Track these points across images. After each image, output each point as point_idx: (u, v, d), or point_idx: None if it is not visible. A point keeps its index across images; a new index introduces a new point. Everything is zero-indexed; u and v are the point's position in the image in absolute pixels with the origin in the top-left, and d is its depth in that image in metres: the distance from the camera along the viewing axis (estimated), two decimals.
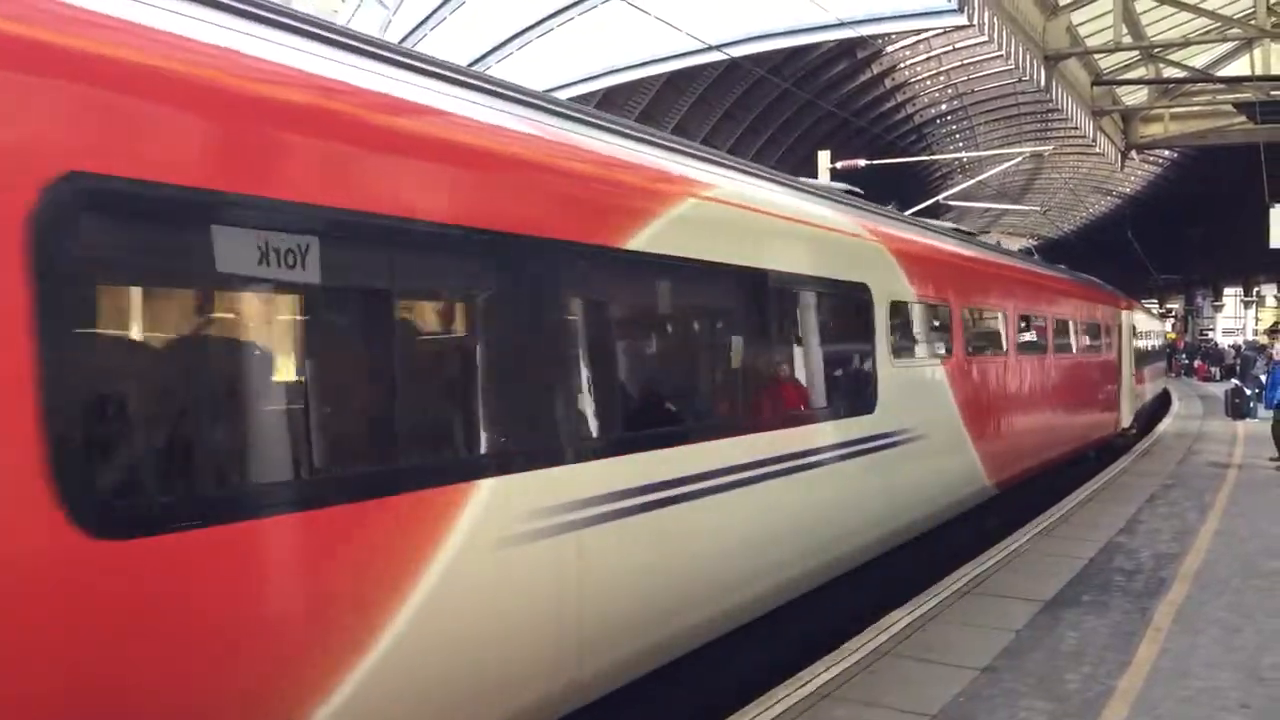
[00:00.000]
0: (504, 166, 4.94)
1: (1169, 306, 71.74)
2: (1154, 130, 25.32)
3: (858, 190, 10.90)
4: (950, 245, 12.48)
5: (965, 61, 38.95)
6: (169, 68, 3.51)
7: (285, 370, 4.13)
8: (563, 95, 21.20)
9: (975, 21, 17.16)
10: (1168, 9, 20.07)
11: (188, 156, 3.54)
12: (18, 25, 3.13)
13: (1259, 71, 20.10)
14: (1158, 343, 37.73)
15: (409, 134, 4.50)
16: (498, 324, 4.99)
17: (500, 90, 5.39)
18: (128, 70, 3.39)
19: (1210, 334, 68.63)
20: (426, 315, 5.19)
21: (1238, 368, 32.66)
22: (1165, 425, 26.11)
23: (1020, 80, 31.78)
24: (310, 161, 3.98)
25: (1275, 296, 71.09)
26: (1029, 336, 14.89)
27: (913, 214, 18.45)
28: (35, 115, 3.14)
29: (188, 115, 3.55)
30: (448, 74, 5.06)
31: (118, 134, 3.35)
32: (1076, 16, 19.27)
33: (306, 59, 4.16)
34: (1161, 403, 33.37)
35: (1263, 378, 20.28)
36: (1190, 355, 53.13)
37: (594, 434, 5.46)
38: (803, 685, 6.57)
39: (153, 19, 3.56)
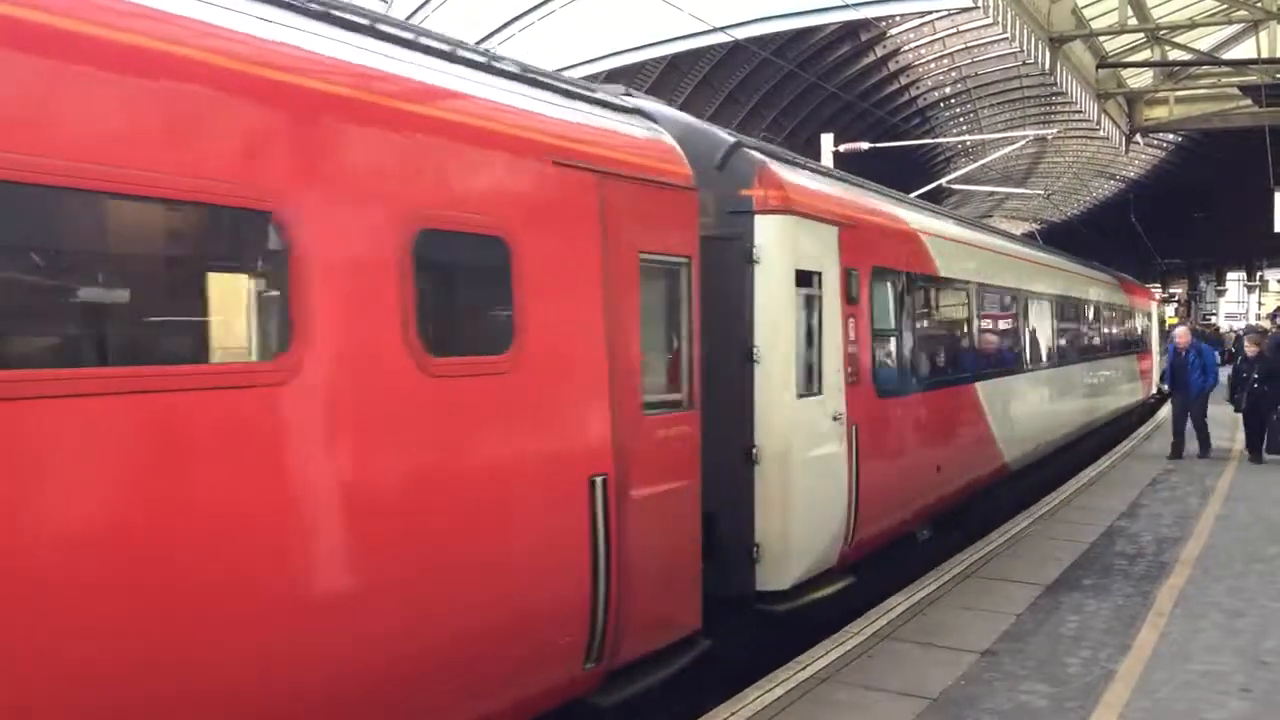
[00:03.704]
0: None
1: (1172, 291, 71.57)
2: (1159, 114, 25.15)
3: None
4: None
5: (969, 44, 38.68)
6: None
7: None
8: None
9: (980, 3, 17.04)
10: None
11: None
12: None
13: (1265, 54, 19.92)
14: (1125, 325, 23.70)
15: None
16: None
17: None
18: None
19: (1213, 318, 68.53)
20: None
21: (1238, 356, 29.88)
22: (1167, 410, 26.02)
23: (1024, 63, 31.59)
24: None
25: (1279, 281, 70.95)
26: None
27: (916, 197, 15.65)
28: None
29: None
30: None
31: None
32: None
33: None
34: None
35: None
36: None
37: None
38: (803, 669, 6.57)
39: None
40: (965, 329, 11.96)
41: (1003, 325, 13.65)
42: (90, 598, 3.29)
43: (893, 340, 9.58)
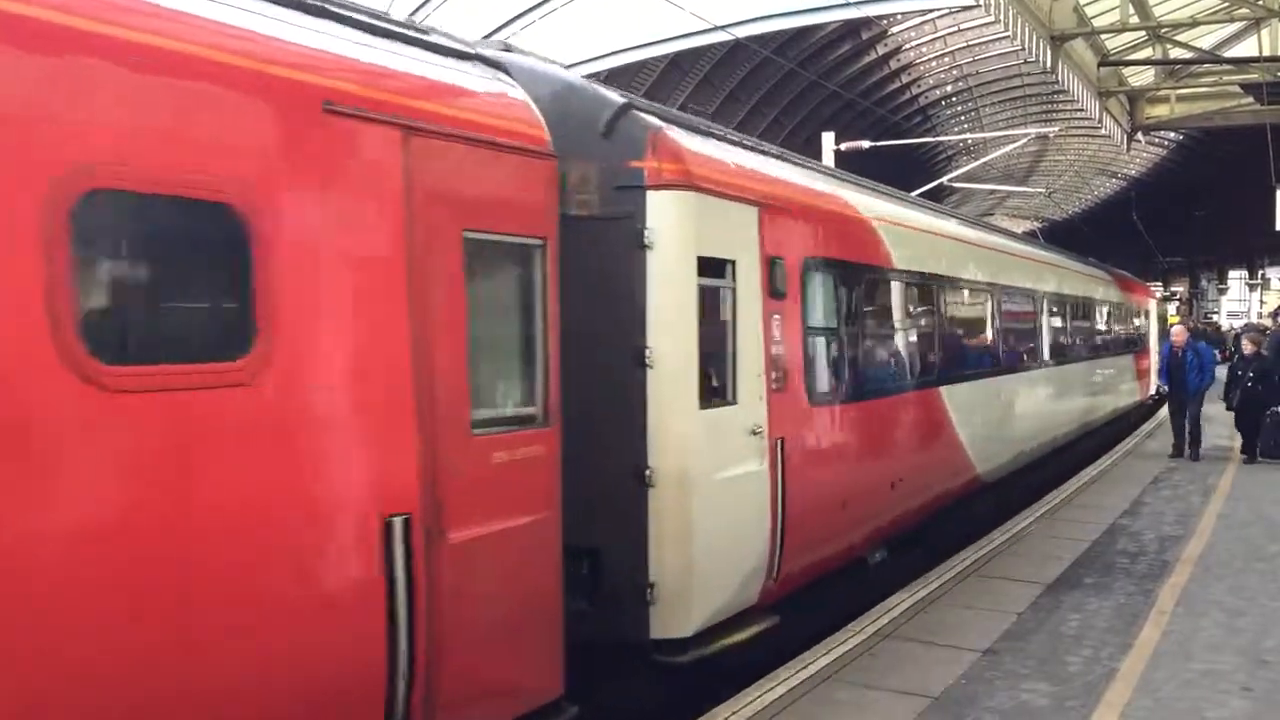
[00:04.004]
0: None
1: (1174, 289, 71.58)
2: (1160, 112, 25.12)
3: None
4: None
5: (971, 43, 38.67)
6: None
7: None
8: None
9: (981, 1, 17.03)
10: None
11: None
12: None
13: (1266, 52, 19.90)
14: (1121, 323, 22.38)
15: None
16: None
17: None
18: None
19: (1214, 316, 68.53)
20: None
21: (1234, 355, 26.49)
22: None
23: (1026, 61, 31.58)
24: None
25: None
26: None
27: (917, 195, 15.58)
28: None
29: None
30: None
31: None
32: None
33: None
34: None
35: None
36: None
37: None
38: (804, 667, 6.57)
39: None
40: (928, 328, 10.60)
41: (975, 324, 12.43)
42: None
43: (833, 341, 8.30)
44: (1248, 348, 16.59)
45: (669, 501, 6.07)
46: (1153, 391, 24.84)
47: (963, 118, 48.21)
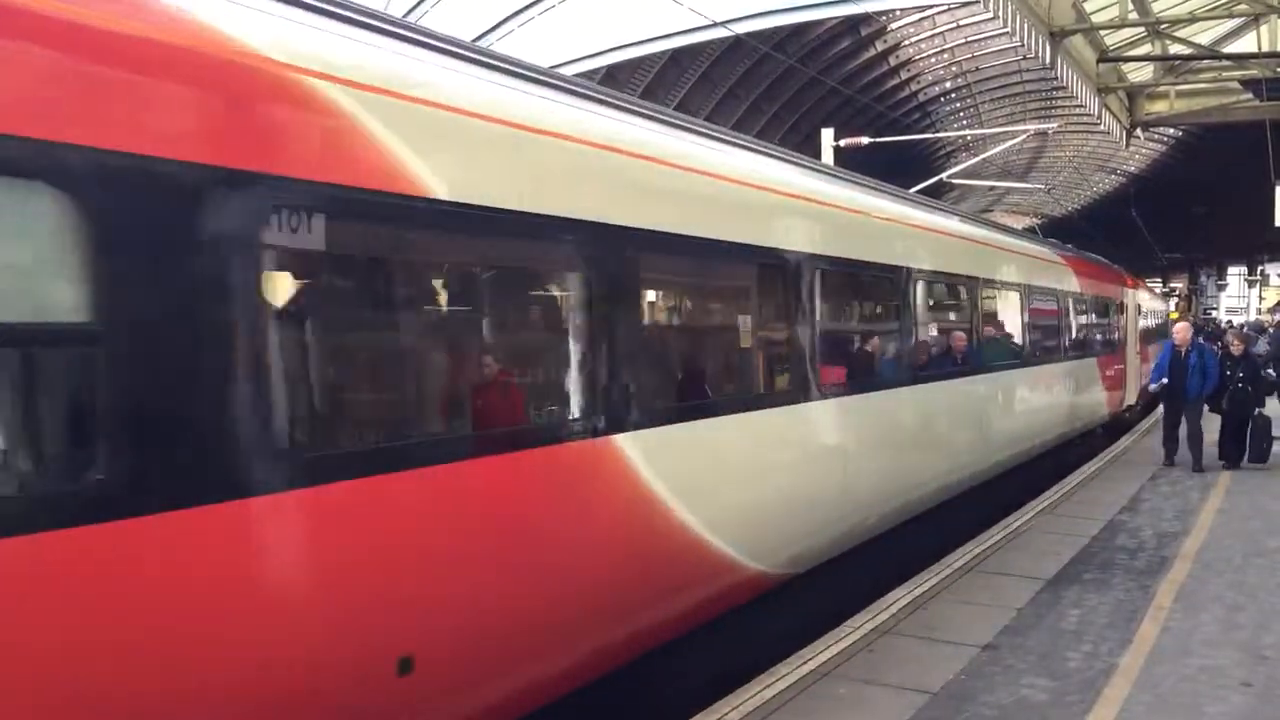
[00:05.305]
0: None
1: (1173, 285, 71.62)
2: (1159, 108, 25.14)
3: None
4: None
5: (970, 39, 38.70)
6: None
7: None
8: (565, 73, 20.40)
9: None
10: None
11: None
12: None
13: (1266, 48, 19.92)
14: (1076, 320, 17.31)
15: None
16: None
17: None
18: None
19: (1213, 313, 68.59)
20: None
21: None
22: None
23: (1025, 57, 31.60)
24: None
25: (1279, 275, 71.00)
26: None
27: (916, 192, 14.67)
28: None
29: None
30: None
31: None
32: None
33: None
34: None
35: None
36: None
37: None
38: (804, 663, 6.57)
39: None
40: (579, 324, 5.42)
41: (725, 318, 7.83)
42: None
43: (88, 359, 3.29)
44: (1236, 347, 15.72)
45: None
46: (1131, 402, 21.71)
47: (962, 114, 48.22)
